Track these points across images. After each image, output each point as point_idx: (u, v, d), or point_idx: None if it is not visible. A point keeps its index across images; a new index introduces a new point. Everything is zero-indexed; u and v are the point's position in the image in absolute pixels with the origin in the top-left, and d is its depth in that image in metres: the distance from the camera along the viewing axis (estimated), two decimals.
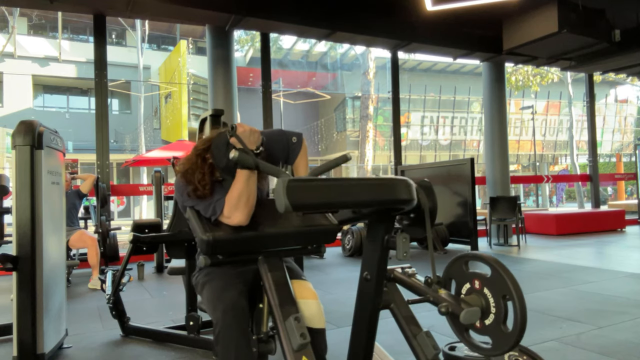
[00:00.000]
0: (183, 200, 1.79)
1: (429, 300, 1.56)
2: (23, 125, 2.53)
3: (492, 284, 1.48)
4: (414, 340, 1.59)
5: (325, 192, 1.29)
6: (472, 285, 1.54)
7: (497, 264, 1.47)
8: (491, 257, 1.50)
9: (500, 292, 1.46)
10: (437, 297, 1.52)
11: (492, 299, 1.48)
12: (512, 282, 1.43)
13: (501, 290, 1.45)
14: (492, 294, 1.48)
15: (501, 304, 1.45)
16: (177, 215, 2.83)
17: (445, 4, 6.09)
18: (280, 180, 1.20)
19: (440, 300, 1.51)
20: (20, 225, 2.47)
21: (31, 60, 19.64)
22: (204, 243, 1.65)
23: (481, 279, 1.52)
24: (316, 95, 20.31)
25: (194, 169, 1.74)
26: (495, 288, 1.47)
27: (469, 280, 1.56)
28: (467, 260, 1.60)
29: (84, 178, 5.49)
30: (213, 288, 1.73)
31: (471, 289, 1.55)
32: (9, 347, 2.69)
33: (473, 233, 6.89)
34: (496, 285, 1.46)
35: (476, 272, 1.55)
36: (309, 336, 1.49)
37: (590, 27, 6.97)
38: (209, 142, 1.75)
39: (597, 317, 3.30)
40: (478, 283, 1.52)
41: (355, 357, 1.73)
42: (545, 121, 24.43)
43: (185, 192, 1.75)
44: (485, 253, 1.55)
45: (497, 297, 1.46)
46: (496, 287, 1.46)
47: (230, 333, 1.58)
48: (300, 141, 1.99)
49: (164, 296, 4.52)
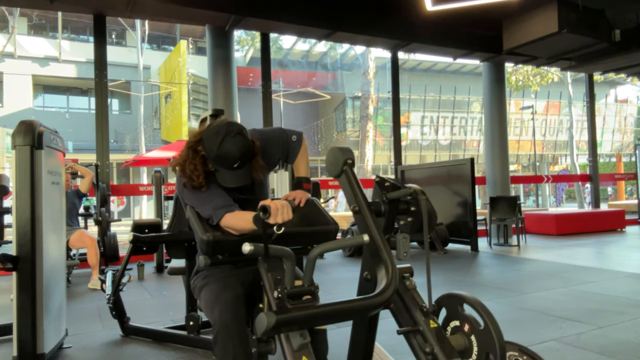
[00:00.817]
0: (183, 196, 1.81)
1: (418, 331, 1.58)
2: (23, 125, 2.53)
3: (481, 336, 1.55)
4: (413, 340, 1.59)
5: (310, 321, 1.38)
6: (462, 326, 1.61)
7: (492, 321, 1.53)
8: (486, 311, 1.56)
9: (486, 347, 1.53)
10: (426, 332, 1.56)
11: (476, 348, 1.55)
12: (500, 343, 1.50)
13: (488, 346, 1.52)
14: (477, 344, 1.55)
15: (483, 357, 1.53)
16: (177, 215, 2.84)
17: (445, 4, 6.09)
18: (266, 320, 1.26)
19: (428, 337, 1.54)
20: (20, 225, 2.47)
21: (31, 60, 19.63)
22: (204, 243, 1.65)
23: (472, 325, 1.58)
24: (316, 95, 20.31)
25: (187, 161, 1.75)
26: (482, 341, 1.54)
27: (459, 319, 1.63)
28: (464, 302, 1.65)
29: (82, 173, 5.39)
30: (210, 290, 1.73)
31: (459, 328, 1.61)
32: (9, 347, 2.69)
33: (473, 233, 6.90)
34: (485, 339, 1.54)
35: (469, 316, 1.61)
36: (309, 336, 1.49)
37: (590, 27, 6.97)
38: (199, 135, 1.76)
39: (597, 317, 3.30)
40: (468, 327, 1.59)
41: (355, 357, 1.74)
42: (545, 121, 24.43)
43: (182, 184, 1.78)
44: (484, 305, 1.59)
45: (482, 350, 1.54)
46: (484, 341, 1.54)
47: (229, 334, 1.59)
48: (300, 140, 1.98)
49: (164, 296, 4.52)
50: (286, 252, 1.48)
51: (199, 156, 1.73)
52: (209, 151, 1.69)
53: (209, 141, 1.69)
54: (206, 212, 1.71)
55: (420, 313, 1.59)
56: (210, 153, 1.69)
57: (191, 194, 1.77)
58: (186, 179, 1.75)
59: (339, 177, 1.70)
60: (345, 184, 1.67)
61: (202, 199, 1.74)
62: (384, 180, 1.73)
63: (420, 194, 1.66)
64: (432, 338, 1.52)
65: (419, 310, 1.60)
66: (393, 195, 1.69)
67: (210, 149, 1.68)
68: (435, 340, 1.52)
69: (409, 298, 1.64)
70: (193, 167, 1.72)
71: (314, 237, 1.86)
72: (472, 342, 1.56)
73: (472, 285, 4.56)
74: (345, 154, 1.69)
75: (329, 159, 1.73)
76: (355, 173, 1.68)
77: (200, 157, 1.73)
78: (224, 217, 1.68)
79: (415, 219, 1.68)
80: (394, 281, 1.43)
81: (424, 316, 1.59)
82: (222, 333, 1.59)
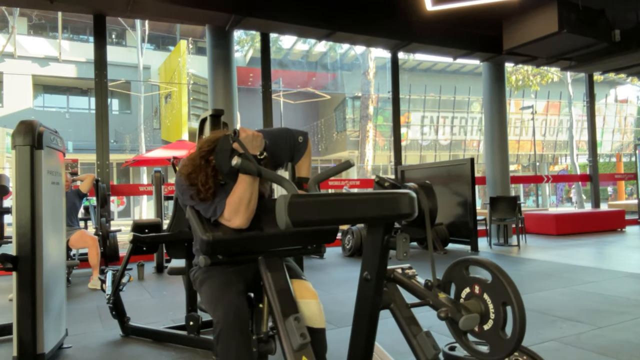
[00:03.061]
0: (184, 199, 1.79)
1: (428, 304, 1.56)
2: (23, 125, 2.53)
3: (492, 290, 1.49)
4: (414, 340, 1.59)
5: (328, 209, 1.27)
6: (472, 290, 1.55)
7: (497, 270, 1.48)
8: (491, 263, 1.51)
9: (499, 298, 1.47)
10: (436, 301, 1.52)
11: (491, 304, 1.49)
12: (512, 288, 1.43)
13: (501, 297, 1.46)
14: (491, 300, 1.49)
15: (500, 310, 1.46)
16: (177, 215, 2.83)
17: (445, 4, 6.09)
18: (282, 197, 1.18)
19: (439, 304, 1.51)
20: (20, 225, 2.47)
21: (31, 60, 19.63)
22: (204, 243, 1.65)
23: (481, 284, 1.52)
24: (316, 95, 20.31)
25: (198, 171, 1.71)
26: (494, 294, 1.48)
27: (469, 284, 1.57)
28: (467, 264, 1.60)
29: (82, 179, 5.48)
30: (213, 287, 1.72)
31: (471, 293, 1.56)
32: (9, 347, 2.69)
33: (473, 233, 6.90)
34: (496, 291, 1.48)
35: (476, 277, 1.56)
36: (309, 336, 1.49)
37: (590, 27, 6.97)
38: (213, 143, 1.71)
39: (597, 317, 3.30)
40: (478, 288, 1.53)
41: (355, 357, 1.74)
42: (545, 121, 24.42)
43: (187, 193, 1.74)
44: (486, 258, 1.55)
45: (497, 303, 1.48)
46: (496, 293, 1.48)
47: (231, 333, 1.58)
48: (305, 141, 1.97)
49: (164, 296, 4.52)
50: (277, 176, 1.47)
51: (211, 167, 1.70)
52: (221, 166, 1.66)
53: (222, 155, 1.65)
54: (209, 208, 1.71)
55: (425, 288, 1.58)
56: (223, 168, 1.65)
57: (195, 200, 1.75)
58: (193, 191, 1.71)
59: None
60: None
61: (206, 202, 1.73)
62: (384, 180, 1.73)
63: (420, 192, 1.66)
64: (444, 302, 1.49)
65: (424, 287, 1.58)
66: None
67: (223, 165, 1.65)
68: (448, 303, 1.49)
69: (411, 283, 1.64)
70: (205, 179, 1.69)
71: (314, 237, 1.86)
72: (486, 301, 1.50)
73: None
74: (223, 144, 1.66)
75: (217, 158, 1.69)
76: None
77: (212, 168, 1.70)
78: (226, 206, 1.67)
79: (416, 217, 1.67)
80: None
81: (429, 289, 1.57)
82: (224, 332, 1.58)
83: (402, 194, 1.37)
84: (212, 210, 1.70)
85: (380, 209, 1.36)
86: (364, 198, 1.35)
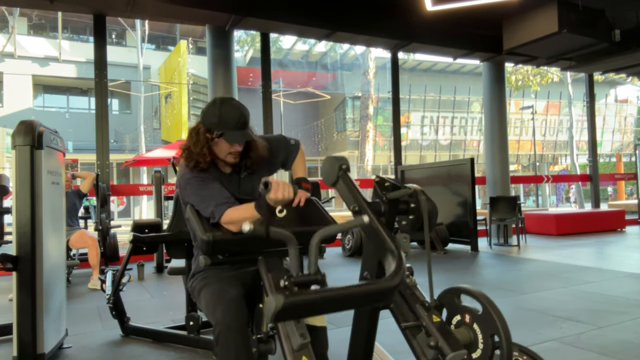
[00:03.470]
0: (184, 194, 1.79)
1: (421, 325, 1.57)
2: (23, 125, 2.53)
3: (482, 321, 1.55)
4: (414, 340, 1.59)
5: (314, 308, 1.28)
6: (463, 318, 1.62)
7: (488, 302, 1.54)
8: (482, 294, 1.58)
9: (489, 330, 1.53)
10: (429, 326, 1.55)
11: (480, 335, 1.55)
12: (501, 321, 1.50)
13: (490, 328, 1.53)
14: (480, 330, 1.55)
15: (489, 341, 1.52)
16: (177, 215, 2.83)
17: (445, 4, 6.09)
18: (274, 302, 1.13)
19: (431, 331, 1.53)
20: (20, 225, 2.47)
21: (31, 60, 19.63)
22: (204, 243, 1.65)
23: (472, 314, 1.59)
24: (316, 95, 20.32)
25: (192, 144, 1.78)
26: (484, 325, 1.55)
27: (460, 312, 1.63)
28: (459, 293, 1.66)
29: (83, 177, 5.47)
30: (211, 291, 1.73)
31: (461, 321, 1.62)
32: (9, 347, 2.69)
33: (473, 233, 6.90)
34: (485, 322, 1.54)
35: (467, 306, 1.62)
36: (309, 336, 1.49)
37: (590, 27, 6.97)
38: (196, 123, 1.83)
39: (597, 317, 3.30)
40: (469, 317, 1.60)
41: (355, 357, 1.74)
42: (545, 121, 24.43)
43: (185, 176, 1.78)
44: (478, 290, 1.61)
45: (486, 334, 1.54)
46: (485, 324, 1.54)
47: (230, 334, 1.59)
48: (297, 144, 2.09)
49: (164, 296, 4.52)
50: (288, 235, 1.47)
51: (203, 135, 1.77)
52: (211, 120, 1.75)
53: (207, 113, 1.77)
54: (208, 208, 1.70)
55: (422, 308, 1.59)
56: (212, 120, 1.74)
57: (192, 192, 1.76)
58: (192, 164, 1.77)
59: (335, 185, 1.70)
60: (342, 188, 1.67)
61: (204, 197, 1.73)
62: (384, 180, 1.73)
63: (421, 193, 1.66)
64: (435, 331, 1.52)
65: (421, 306, 1.60)
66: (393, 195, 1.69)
67: (212, 117, 1.75)
68: (439, 333, 1.52)
69: (410, 295, 1.64)
70: (199, 149, 1.75)
71: None
72: (476, 331, 1.56)
73: (472, 285, 4.54)
74: (339, 161, 1.70)
75: (324, 168, 1.73)
76: (355, 174, 1.68)
77: (204, 136, 1.76)
78: (226, 212, 1.68)
79: (416, 218, 1.68)
80: (403, 265, 1.41)
81: (425, 311, 1.58)
82: (223, 333, 1.59)
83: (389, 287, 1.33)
84: (210, 213, 1.71)
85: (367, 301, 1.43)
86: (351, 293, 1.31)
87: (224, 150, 1.79)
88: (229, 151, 1.79)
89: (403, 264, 1.40)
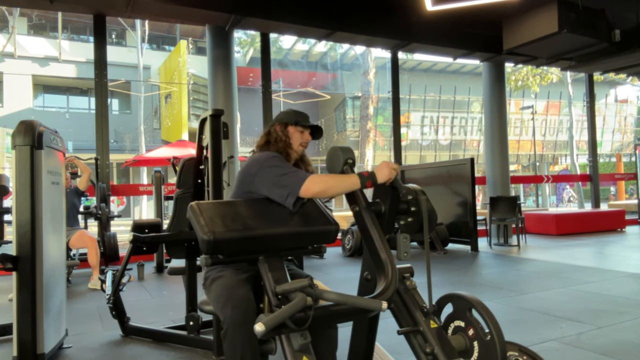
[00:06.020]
0: (263, 168, 1.83)
1: (418, 331, 1.58)
2: (23, 125, 2.53)
3: (484, 347, 1.55)
4: (414, 340, 1.59)
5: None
6: (466, 329, 1.62)
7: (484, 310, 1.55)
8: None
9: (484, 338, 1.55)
10: (426, 333, 1.55)
11: (476, 353, 1.57)
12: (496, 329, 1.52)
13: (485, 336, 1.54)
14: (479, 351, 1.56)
15: (484, 348, 1.54)
16: (177, 215, 2.84)
17: (445, 4, 6.09)
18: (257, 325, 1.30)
19: (428, 337, 1.54)
20: (20, 225, 2.47)
21: (31, 60, 19.63)
22: (204, 242, 1.65)
23: (477, 331, 1.59)
24: (316, 95, 20.31)
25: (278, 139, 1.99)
26: (485, 351, 1.55)
27: (465, 321, 1.63)
28: (472, 307, 1.64)
29: (81, 169, 5.34)
30: (224, 285, 1.75)
31: (458, 327, 1.63)
32: (9, 347, 2.69)
33: (473, 233, 6.90)
34: (488, 350, 1.54)
35: (475, 320, 1.62)
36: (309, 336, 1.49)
37: (590, 27, 6.97)
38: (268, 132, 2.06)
39: (597, 317, 3.30)
40: (472, 332, 1.60)
41: (355, 357, 1.74)
42: (545, 121, 24.43)
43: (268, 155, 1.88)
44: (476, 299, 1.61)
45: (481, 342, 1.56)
46: (486, 351, 1.54)
47: (238, 331, 1.61)
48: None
49: (164, 296, 4.52)
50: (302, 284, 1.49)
51: (281, 128, 2.02)
52: (289, 118, 2.03)
53: (283, 116, 2.06)
54: (290, 178, 1.74)
55: (421, 313, 1.60)
56: (290, 118, 2.03)
57: (275, 165, 1.83)
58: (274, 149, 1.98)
59: None
60: None
61: (286, 168, 1.81)
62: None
63: (420, 194, 1.67)
64: (432, 338, 1.53)
65: (419, 311, 1.60)
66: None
67: (288, 117, 2.04)
68: (435, 340, 1.52)
69: (409, 298, 1.65)
70: (281, 134, 2.00)
71: (315, 237, 1.85)
72: (473, 346, 1.56)
73: (472, 285, 4.56)
74: (346, 154, 1.70)
75: (329, 158, 1.74)
76: None
77: (282, 129, 2.01)
78: (310, 178, 1.71)
79: (416, 219, 1.68)
80: (394, 282, 1.42)
81: (424, 316, 1.59)
82: (231, 330, 1.61)
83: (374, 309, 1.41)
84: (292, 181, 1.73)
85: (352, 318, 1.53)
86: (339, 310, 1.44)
87: (297, 140, 2.02)
88: (301, 141, 2.03)
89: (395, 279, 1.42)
